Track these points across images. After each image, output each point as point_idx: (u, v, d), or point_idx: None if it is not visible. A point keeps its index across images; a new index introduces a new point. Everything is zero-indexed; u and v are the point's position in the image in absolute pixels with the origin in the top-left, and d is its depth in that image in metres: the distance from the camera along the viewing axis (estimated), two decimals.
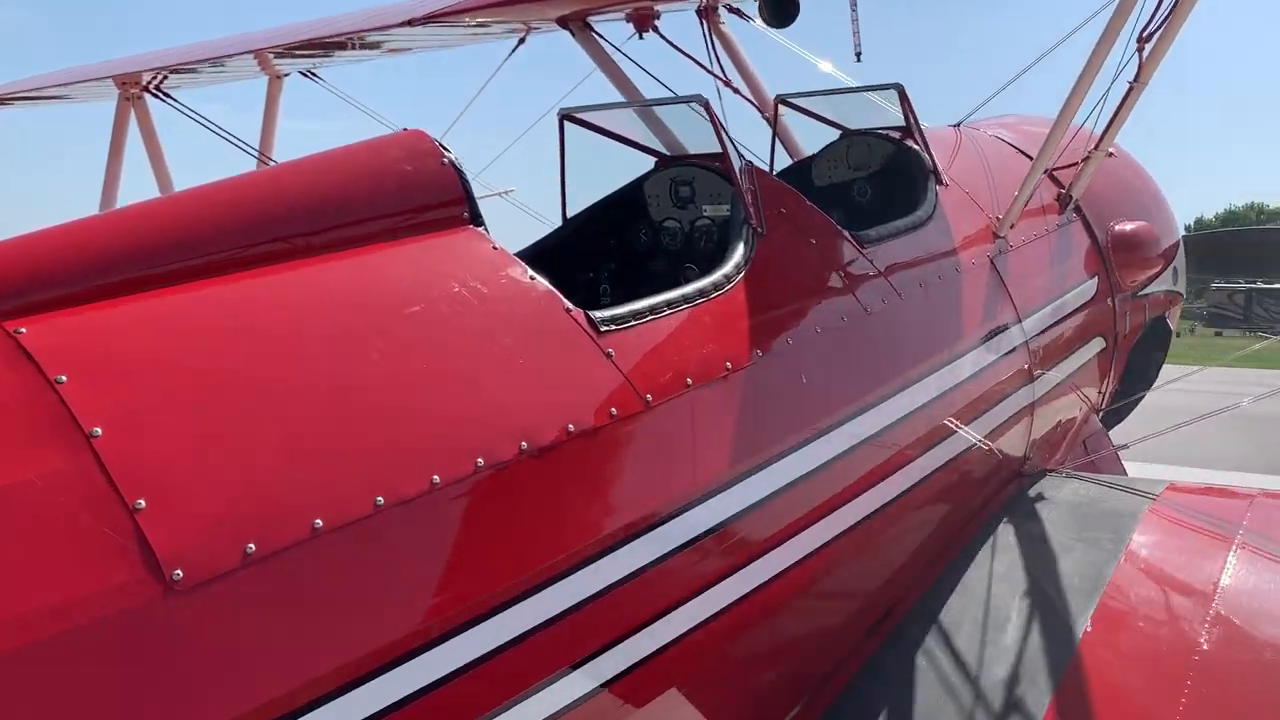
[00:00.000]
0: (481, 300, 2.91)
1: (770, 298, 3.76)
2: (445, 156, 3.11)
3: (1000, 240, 5.35)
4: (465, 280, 2.92)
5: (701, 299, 3.46)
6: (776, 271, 3.89)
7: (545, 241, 4.52)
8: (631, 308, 3.22)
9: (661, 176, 4.51)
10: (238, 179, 2.89)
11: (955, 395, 4.52)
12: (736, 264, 3.67)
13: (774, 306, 3.75)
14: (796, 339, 3.70)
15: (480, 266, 3.01)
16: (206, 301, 2.55)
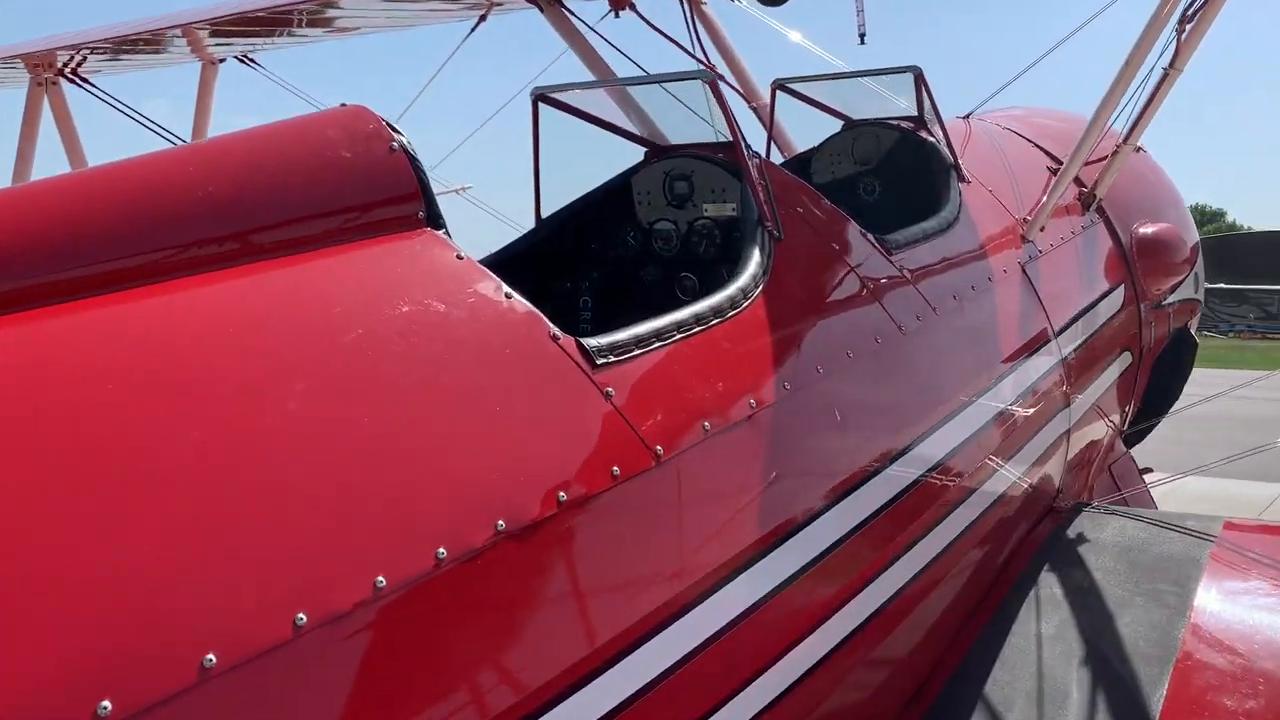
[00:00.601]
0: (443, 327, 2.23)
1: (795, 316, 3.10)
2: (394, 140, 2.42)
3: (1029, 245, 4.74)
4: (421, 300, 2.24)
5: (716, 319, 2.79)
6: (799, 284, 3.24)
7: (515, 246, 3.83)
8: (633, 332, 2.55)
9: (654, 170, 3.83)
10: (112, 166, 2.17)
11: (997, 428, 3.90)
12: (753, 275, 3.00)
13: (800, 327, 3.10)
14: (828, 367, 3.04)
15: (441, 281, 2.33)
16: (61, 335, 1.84)
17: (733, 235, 3.72)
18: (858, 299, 3.40)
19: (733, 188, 3.66)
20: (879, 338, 3.34)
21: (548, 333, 2.37)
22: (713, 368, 2.71)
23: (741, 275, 3.00)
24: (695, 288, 3.81)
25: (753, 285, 2.97)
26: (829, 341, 3.15)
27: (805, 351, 3.03)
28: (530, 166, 3.83)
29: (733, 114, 3.37)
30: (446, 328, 2.24)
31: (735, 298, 2.89)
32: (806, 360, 2.99)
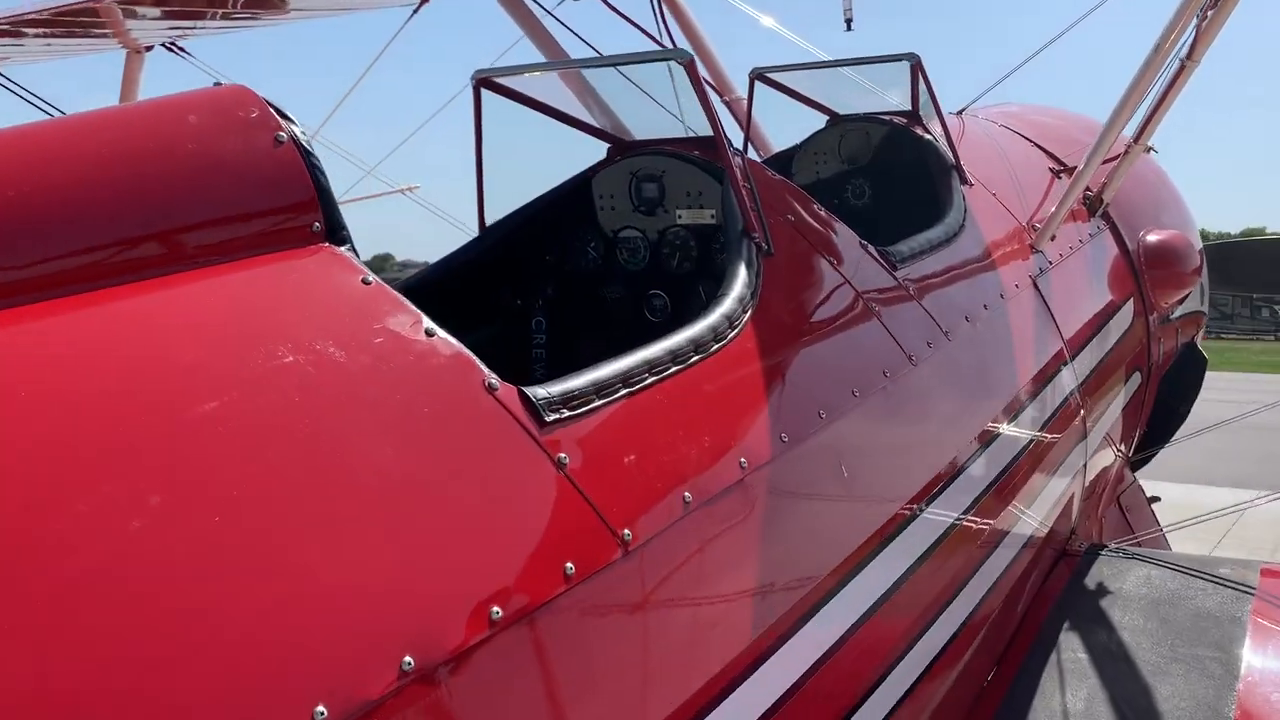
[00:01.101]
0: (338, 381, 1.67)
1: (790, 349, 2.56)
2: (283, 129, 1.86)
3: (1039, 255, 4.23)
4: (310, 344, 1.67)
5: (697, 356, 2.23)
6: (794, 309, 2.69)
7: (455, 258, 3.26)
8: (593, 377, 1.99)
9: (618, 169, 3.27)
10: None
11: (1016, 470, 3.38)
12: (739, 298, 2.45)
13: (796, 363, 2.55)
14: (831, 411, 2.50)
15: (339, 317, 1.77)
16: None
17: (712, 247, 3.17)
18: (862, 325, 2.86)
19: (712, 191, 3.11)
20: (887, 371, 2.80)
21: (481, 381, 1.81)
22: (694, 419, 2.15)
23: (725, 298, 2.45)
24: (667, 308, 3.26)
25: (739, 311, 2.42)
26: (831, 379, 2.60)
27: (804, 393, 2.48)
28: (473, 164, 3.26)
29: (713, 103, 2.81)
30: (344, 382, 1.67)
31: (719, 327, 2.34)
32: (806, 404, 2.45)
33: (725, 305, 2.41)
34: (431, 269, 3.22)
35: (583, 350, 3.51)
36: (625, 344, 3.56)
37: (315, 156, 1.89)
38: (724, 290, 2.49)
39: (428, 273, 3.20)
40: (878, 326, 2.89)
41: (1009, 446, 3.33)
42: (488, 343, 3.57)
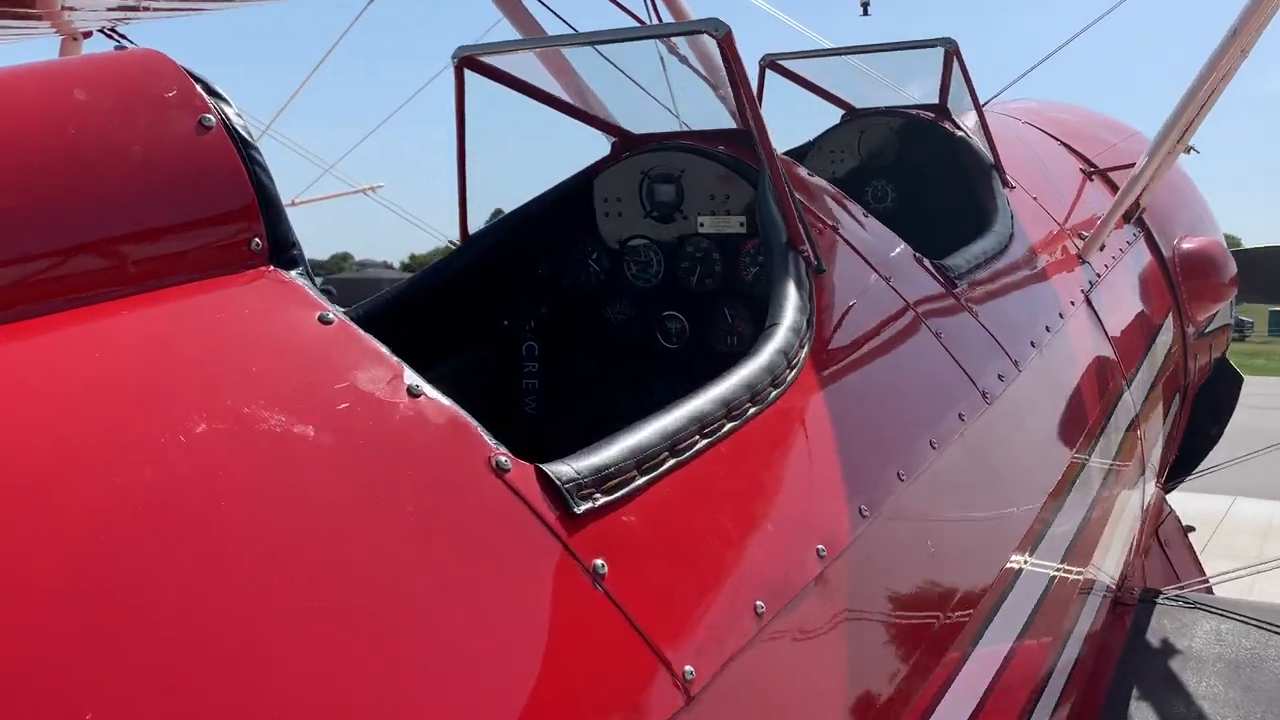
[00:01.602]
0: (287, 461, 1.16)
1: (856, 392, 2.07)
2: (210, 110, 1.34)
3: (1086, 268, 3.77)
4: (248, 411, 1.16)
5: (754, 408, 1.73)
6: (854, 340, 2.20)
7: (433, 274, 2.73)
8: (631, 443, 1.50)
9: (626, 167, 2.76)
10: None
11: (1094, 517, 2.92)
12: (795, 328, 1.96)
13: (864, 409, 2.06)
14: (910, 468, 2.01)
15: (288, 372, 1.27)
16: None
17: (739, 262, 2.67)
18: (930, 358, 2.37)
19: (741, 194, 2.61)
20: (963, 413, 2.31)
21: (486, 459, 1.32)
22: (757, 494, 1.66)
23: (778, 329, 1.95)
24: (685, 332, 2.76)
25: (795, 345, 1.92)
26: (904, 428, 2.12)
27: (878, 450, 1.99)
28: (454, 161, 2.74)
29: (750, 88, 2.32)
30: (294, 463, 1.16)
31: (776, 367, 1.84)
32: (881, 464, 1.96)
33: (779, 338, 1.91)
34: (406, 286, 2.69)
35: (582, 381, 3.00)
36: (633, 374, 3.08)
37: (255, 148, 1.37)
38: (775, 318, 1.99)
39: (401, 290, 2.67)
40: (946, 358, 2.41)
41: (1087, 490, 2.88)
42: (468, 370, 3.06)
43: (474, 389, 2.95)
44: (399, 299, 2.65)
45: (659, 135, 2.79)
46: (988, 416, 2.40)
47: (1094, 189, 4.63)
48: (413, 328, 2.67)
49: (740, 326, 2.66)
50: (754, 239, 2.60)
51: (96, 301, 1.21)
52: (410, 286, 2.70)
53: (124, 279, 1.24)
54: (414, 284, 2.71)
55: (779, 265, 2.18)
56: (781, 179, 2.24)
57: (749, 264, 2.63)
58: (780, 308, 2.02)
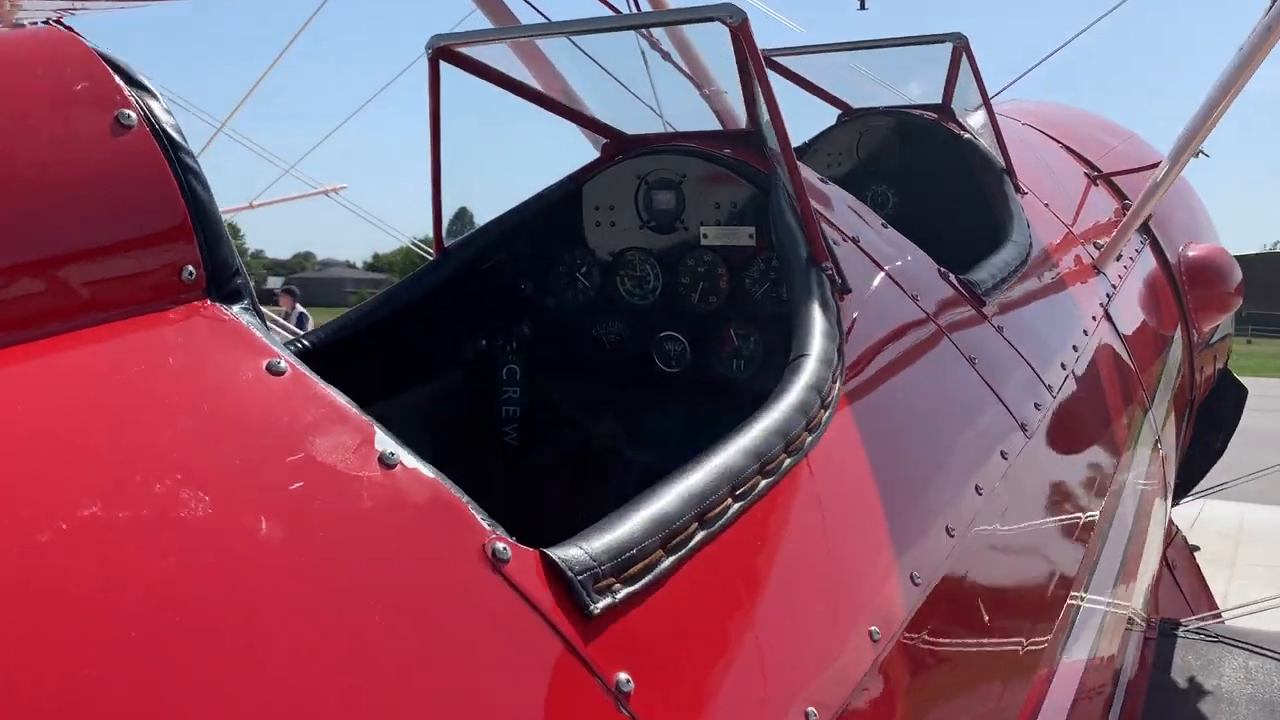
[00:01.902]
0: (233, 553, 0.87)
1: (895, 431, 1.81)
2: (131, 104, 1.04)
3: (1102, 279, 3.54)
4: (188, 487, 0.87)
5: (790, 458, 1.46)
6: (886, 369, 1.94)
7: (405, 289, 2.43)
8: (652, 512, 1.23)
9: (619, 173, 2.48)
10: None
11: (1133, 549, 2.69)
12: (826, 358, 1.69)
13: (906, 452, 1.80)
14: (959, 522, 1.75)
15: (231, 437, 0.97)
16: None
17: (748, 278, 2.40)
18: (966, 388, 2.12)
19: (749, 202, 2.34)
20: (1005, 450, 2.06)
21: (481, 546, 1.04)
22: (801, 570, 1.39)
23: (807, 360, 1.68)
24: (685, 355, 2.48)
25: (827, 378, 1.65)
26: (949, 473, 1.86)
27: (924, 502, 1.73)
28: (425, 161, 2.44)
29: (768, 83, 2.04)
30: (234, 564, 0.88)
31: (809, 406, 1.57)
32: (929, 519, 1.69)
33: (810, 371, 1.64)
34: (374, 304, 2.40)
35: (569, 409, 2.72)
36: (627, 402, 2.80)
37: (187, 152, 1.09)
38: (803, 347, 1.72)
39: (368, 309, 2.38)
40: (982, 388, 2.15)
41: (1125, 519, 2.65)
42: (442, 397, 2.78)
43: (448, 417, 2.67)
44: (366, 319, 2.36)
45: (656, 136, 2.52)
46: (1029, 452, 2.15)
47: (1098, 194, 4.41)
48: (382, 350, 2.39)
49: (747, 350, 2.39)
50: (764, 252, 2.34)
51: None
52: (379, 304, 2.41)
53: (14, 321, 0.95)
54: (383, 301, 2.41)
55: (800, 285, 1.91)
56: (803, 185, 1.98)
57: (758, 280, 2.36)
58: (807, 335, 1.75)
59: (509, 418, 2.64)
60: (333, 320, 2.36)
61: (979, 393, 2.12)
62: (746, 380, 2.38)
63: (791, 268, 1.97)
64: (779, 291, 2.32)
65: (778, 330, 2.33)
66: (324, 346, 2.24)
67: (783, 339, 2.32)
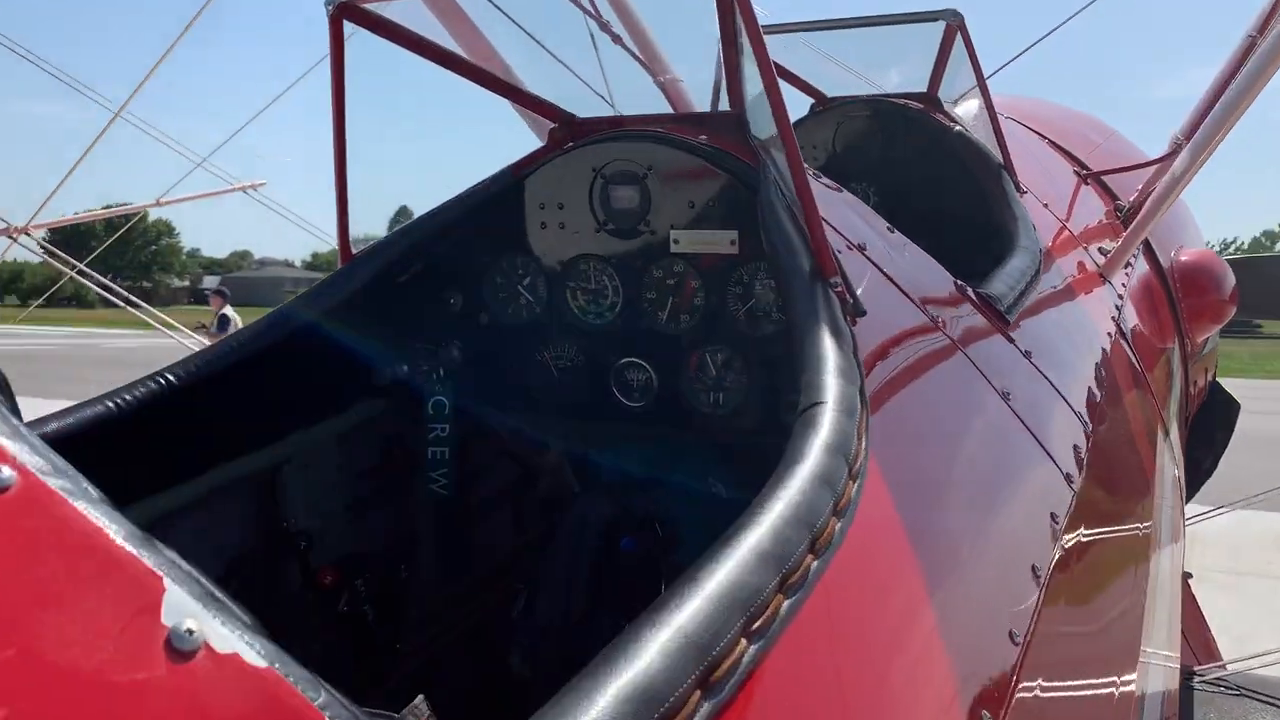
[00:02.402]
0: None
1: (935, 502, 1.38)
2: None
3: (1109, 289, 3.17)
4: None
5: (816, 560, 1.03)
6: (920, 422, 1.52)
7: (304, 306, 1.96)
8: (639, 677, 0.76)
9: (570, 164, 2.03)
10: None
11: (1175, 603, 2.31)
12: (846, 408, 1.26)
13: (956, 540, 1.38)
14: (1020, 620, 1.33)
15: None
16: None
17: (729, 293, 1.96)
18: (1005, 436, 1.71)
19: (731, 201, 1.91)
20: (1055, 513, 1.65)
21: None
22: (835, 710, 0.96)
23: (822, 412, 1.24)
24: (651, 386, 2.04)
25: (853, 437, 1.22)
26: (1002, 555, 1.44)
27: (982, 602, 1.31)
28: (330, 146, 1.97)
29: (764, 49, 1.61)
30: None
31: (834, 478, 1.13)
32: (991, 625, 1.27)
33: (829, 427, 1.21)
34: (264, 324, 1.94)
35: (512, 450, 2.27)
36: (580, 442, 2.36)
37: None
38: (816, 392, 1.29)
39: (258, 329, 1.92)
40: (1021, 432, 1.74)
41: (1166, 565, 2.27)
42: (353, 437, 2.31)
43: (363, 459, 2.20)
44: (253, 343, 1.89)
45: (615, 119, 2.08)
46: (1077, 510, 1.74)
47: (1089, 194, 4.06)
48: (274, 382, 1.92)
49: (727, 381, 1.96)
50: (750, 262, 1.91)
51: None
52: (271, 324, 1.94)
53: None
54: (275, 321, 1.94)
55: (803, 305, 1.48)
56: (807, 181, 1.55)
57: (742, 297, 1.93)
58: (819, 374, 1.32)
59: (437, 461, 2.18)
60: (208, 348, 1.89)
61: (1019, 440, 1.71)
62: (725, 418, 1.95)
63: (791, 283, 1.54)
64: (767, 310, 1.90)
65: (765, 357, 1.90)
66: (196, 380, 1.78)
67: (770, 368, 1.91)
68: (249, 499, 2.05)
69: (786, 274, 1.57)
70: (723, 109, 2.17)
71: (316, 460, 2.09)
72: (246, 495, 2.04)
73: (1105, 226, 3.80)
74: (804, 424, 1.23)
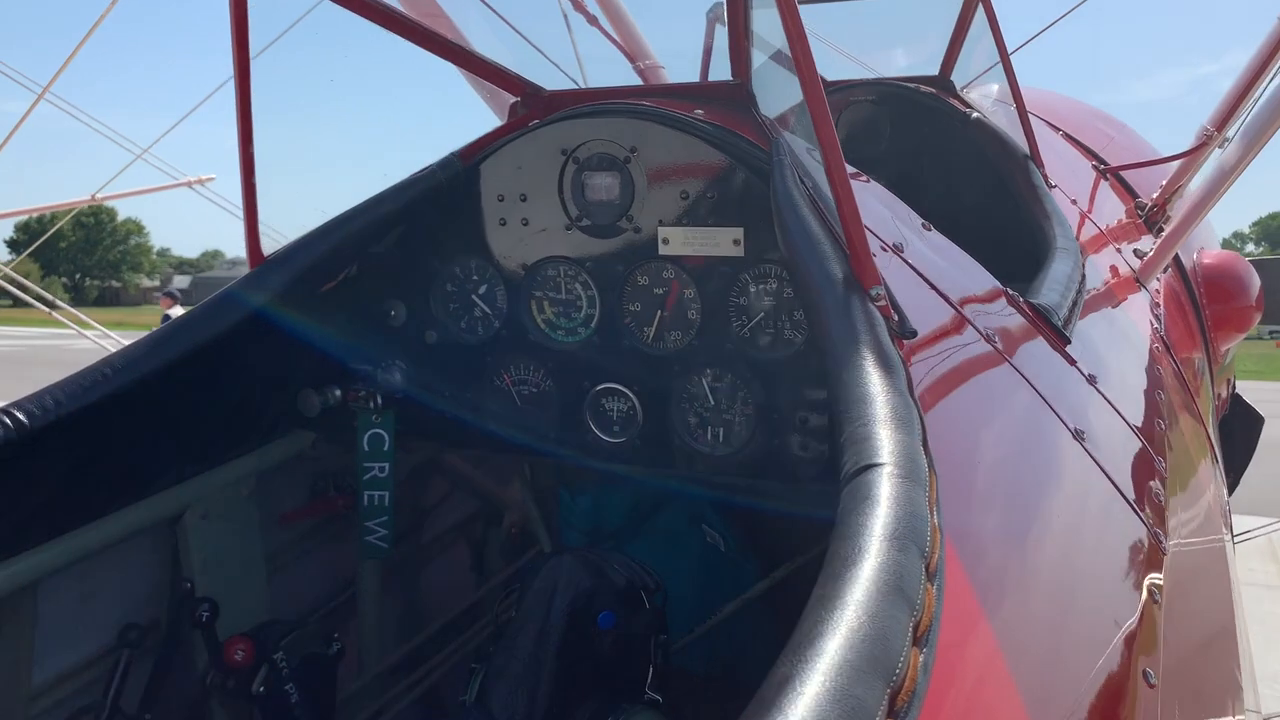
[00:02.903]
0: None
1: (1034, 613, 1.02)
2: None
3: (1145, 295, 2.83)
4: None
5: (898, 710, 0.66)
6: (996, 483, 1.16)
7: (204, 320, 1.57)
8: None
9: (534, 146, 1.66)
10: None
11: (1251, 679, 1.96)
12: (909, 473, 0.90)
13: (1055, 658, 1.01)
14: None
15: None
16: None
17: (729, 304, 1.59)
18: (1089, 492, 1.36)
19: (734, 191, 1.54)
20: (1154, 584, 1.29)
21: None
22: None
23: (879, 479, 0.89)
24: (635, 417, 1.66)
25: (923, 512, 0.86)
26: (1107, 663, 1.08)
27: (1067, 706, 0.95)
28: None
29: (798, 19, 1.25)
30: None
31: (909, 585, 0.77)
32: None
33: (894, 504, 0.86)
34: (164, 333, 1.56)
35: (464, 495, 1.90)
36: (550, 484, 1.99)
37: None
38: (868, 450, 0.94)
39: (148, 345, 1.54)
40: (1102, 482, 1.39)
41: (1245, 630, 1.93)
42: (273, 475, 1.92)
43: (282, 506, 1.83)
44: (143, 361, 1.51)
45: (592, 91, 1.71)
46: (1171, 576, 1.39)
47: (1107, 191, 3.72)
48: (175, 410, 1.55)
49: (729, 412, 1.59)
50: (757, 265, 1.54)
51: None
52: (165, 337, 1.56)
53: None
54: (170, 335, 1.56)
55: (838, 325, 1.13)
56: (843, 165, 1.19)
57: (746, 308, 1.56)
58: (868, 422, 0.97)
59: (374, 507, 1.80)
60: (94, 365, 1.51)
61: (1101, 493, 1.36)
62: (726, 456, 1.58)
63: (820, 296, 1.18)
64: (778, 326, 1.53)
65: (775, 384, 1.54)
66: (67, 412, 1.40)
67: (781, 396, 1.54)
68: (143, 555, 1.67)
69: (813, 283, 1.21)
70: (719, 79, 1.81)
71: (226, 506, 1.72)
72: (140, 551, 1.66)
73: (1129, 226, 3.47)
74: (858, 497, 0.87)
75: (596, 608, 1.48)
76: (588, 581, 1.50)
